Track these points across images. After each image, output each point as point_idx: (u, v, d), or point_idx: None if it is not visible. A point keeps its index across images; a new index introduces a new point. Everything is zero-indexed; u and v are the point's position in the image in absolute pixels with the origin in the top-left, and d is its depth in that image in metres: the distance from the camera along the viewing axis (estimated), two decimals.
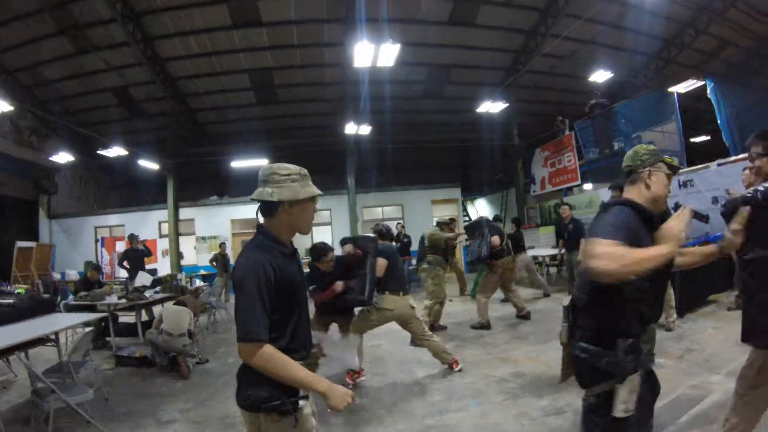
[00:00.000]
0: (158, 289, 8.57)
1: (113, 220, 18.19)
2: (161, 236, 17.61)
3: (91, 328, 5.65)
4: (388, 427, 4.13)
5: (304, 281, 2.10)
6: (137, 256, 11.04)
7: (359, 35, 9.82)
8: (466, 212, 21.11)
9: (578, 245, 8.91)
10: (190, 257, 17.22)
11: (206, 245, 17.41)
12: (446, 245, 8.16)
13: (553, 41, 13.59)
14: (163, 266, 16.06)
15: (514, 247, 8.51)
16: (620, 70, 15.35)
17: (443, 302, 7.90)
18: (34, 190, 17.06)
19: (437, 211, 18.38)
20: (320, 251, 5.05)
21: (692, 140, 16.95)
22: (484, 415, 4.20)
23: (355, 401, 1.85)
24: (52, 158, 15.59)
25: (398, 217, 18.11)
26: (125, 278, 10.83)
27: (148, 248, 11.67)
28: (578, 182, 15.08)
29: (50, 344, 5.54)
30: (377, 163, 18.61)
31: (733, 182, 7.61)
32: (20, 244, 15.01)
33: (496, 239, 7.51)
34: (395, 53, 9.41)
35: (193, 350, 6.53)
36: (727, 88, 12.51)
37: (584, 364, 2.06)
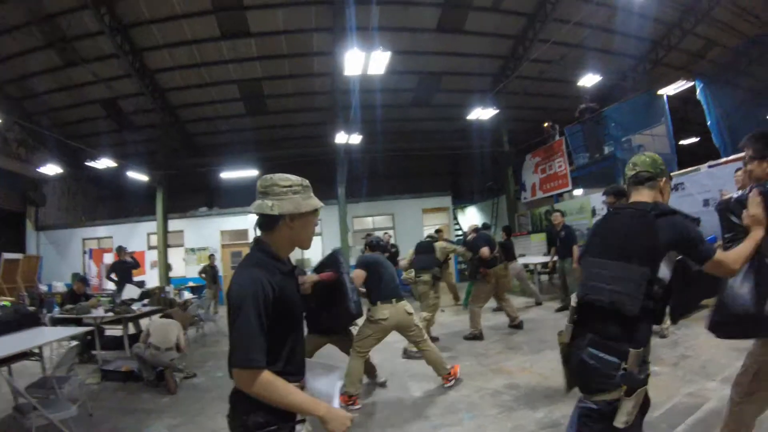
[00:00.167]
0: (146, 301, 8.45)
1: (101, 231, 18.01)
2: (150, 248, 17.47)
3: (76, 342, 5.52)
4: None
5: (301, 301, 1.97)
6: (125, 268, 10.88)
7: (349, 43, 9.80)
8: (456, 221, 21.06)
9: (571, 252, 8.90)
10: (178, 269, 17.02)
11: (195, 257, 17.22)
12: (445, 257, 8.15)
13: (541, 46, 13.62)
14: (151, 278, 15.90)
15: (504, 255, 8.45)
16: (609, 73, 15.48)
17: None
18: (21, 201, 16.92)
19: (428, 219, 18.37)
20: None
21: (680, 142, 17.00)
22: (479, 429, 4.11)
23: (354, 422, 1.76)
24: (40, 170, 15.41)
25: (389, 226, 18.04)
26: (113, 291, 10.68)
27: (136, 260, 11.51)
28: (569, 188, 15.02)
29: (34, 358, 5.41)
30: (367, 172, 18.53)
31: (724, 183, 7.60)
32: (7, 255, 14.81)
33: (485, 250, 7.46)
34: (386, 60, 9.38)
35: (180, 364, 6.40)
36: (716, 88, 12.55)
37: (594, 371, 2.02)
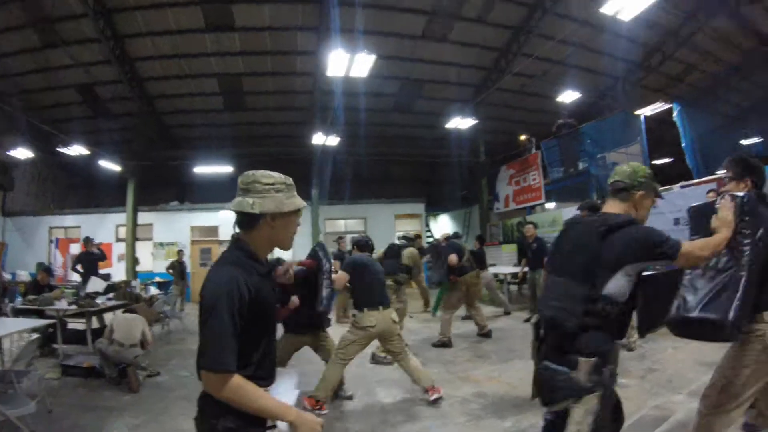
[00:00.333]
0: (111, 295, 8.27)
1: (69, 221, 17.57)
2: (118, 240, 17.10)
3: (37, 335, 5.35)
4: None
5: (275, 304, 1.92)
6: (91, 259, 10.66)
7: (333, 44, 9.75)
8: (428, 228, 21.12)
9: (542, 264, 8.97)
10: (146, 263, 16.64)
11: (164, 252, 16.90)
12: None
13: (524, 60, 13.76)
14: (117, 271, 15.46)
15: (476, 263, 8.50)
16: (588, 91, 15.72)
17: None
18: None
19: (400, 225, 18.44)
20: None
21: (654, 162, 17.39)
22: None
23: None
24: (10, 153, 14.94)
25: (361, 230, 17.98)
26: (77, 282, 10.42)
27: (103, 252, 11.27)
28: (542, 201, 15.26)
29: None
30: (343, 175, 18.51)
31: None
32: None
33: (453, 258, 7.49)
34: (370, 64, 9.39)
35: (144, 362, 6.27)
36: (693, 111, 12.89)
37: (546, 382, 2.06)
